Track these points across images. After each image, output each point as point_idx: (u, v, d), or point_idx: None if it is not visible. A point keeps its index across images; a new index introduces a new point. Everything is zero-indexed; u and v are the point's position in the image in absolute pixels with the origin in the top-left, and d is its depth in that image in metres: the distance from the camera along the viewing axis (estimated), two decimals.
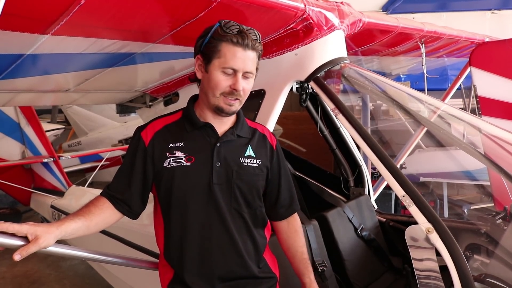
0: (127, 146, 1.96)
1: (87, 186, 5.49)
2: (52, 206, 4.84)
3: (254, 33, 1.64)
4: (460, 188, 6.52)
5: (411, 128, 5.62)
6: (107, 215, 1.72)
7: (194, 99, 1.84)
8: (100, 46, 1.93)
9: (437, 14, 7.89)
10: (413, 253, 1.55)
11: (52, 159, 5.46)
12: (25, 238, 1.42)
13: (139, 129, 1.79)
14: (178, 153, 1.70)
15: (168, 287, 1.80)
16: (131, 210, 1.77)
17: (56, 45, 1.83)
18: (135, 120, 9.10)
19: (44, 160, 5.46)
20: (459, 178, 5.49)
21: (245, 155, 1.76)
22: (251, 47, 1.61)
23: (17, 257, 1.37)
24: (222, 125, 1.77)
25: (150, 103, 3.13)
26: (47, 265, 5.40)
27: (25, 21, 1.51)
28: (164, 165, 1.70)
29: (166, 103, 3.03)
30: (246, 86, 1.66)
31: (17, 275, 5.17)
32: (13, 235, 1.40)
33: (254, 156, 1.78)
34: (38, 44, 1.75)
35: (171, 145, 1.72)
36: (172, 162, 1.69)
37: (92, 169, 7.15)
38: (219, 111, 1.69)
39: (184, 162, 1.69)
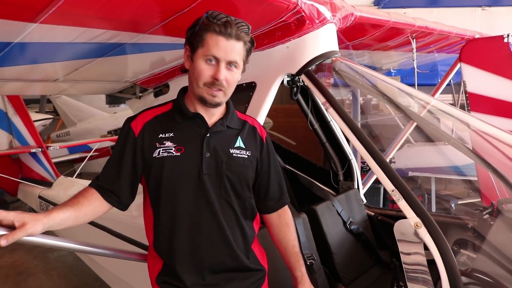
0: (117, 137, 1.95)
1: (76, 177, 5.46)
2: (40, 197, 4.82)
3: (242, 24, 1.62)
4: (448, 183, 6.59)
5: (400, 123, 5.65)
6: (96, 205, 1.70)
7: (184, 90, 1.83)
8: (90, 35, 1.90)
9: (429, 9, 7.93)
10: (402, 247, 1.56)
11: (40, 149, 5.41)
12: (11, 226, 1.40)
13: (129, 120, 1.78)
14: (168, 143, 1.69)
15: (157, 279, 1.80)
16: (120, 201, 1.76)
17: (45, 34, 1.80)
18: (124, 111, 9.03)
19: (32, 150, 5.41)
20: (447, 173, 5.54)
21: (235, 146, 1.76)
22: (235, 37, 1.60)
23: (3, 242, 1.36)
24: (212, 116, 1.76)
25: (140, 94, 3.11)
26: (34, 256, 5.37)
27: (13, 8, 1.48)
28: (154, 155, 1.69)
29: (156, 94, 3.01)
30: (229, 77, 1.65)
31: (3, 265, 5.13)
32: None
33: (244, 147, 1.78)
34: (26, 33, 1.72)
35: (161, 135, 1.71)
36: (162, 152, 1.69)
37: (81, 159, 7.11)
38: (203, 102, 1.69)
39: (174, 152, 1.68)
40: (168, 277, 1.77)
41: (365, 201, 3.15)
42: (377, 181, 3.74)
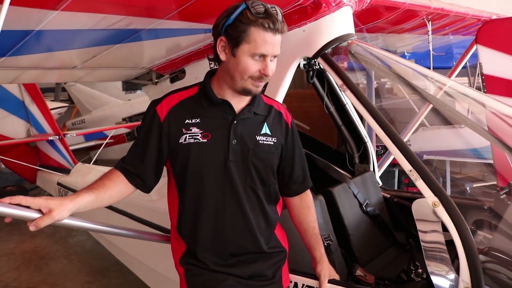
0: (131, 123, 1.99)
1: (92, 164, 5.55)
2: (58, 184, 4.90)
3: (278, 12, 1.59)
4: (463, 166, 6.55)
5: (415, 106, 5.62)
6: (121, 188, 1.74)
7: (210, 74, 1.81)
8: (108, 22, 1.93)
9: None
10: (420, 226, 1.58)
11: (57, 137, 5.49)
12: (39, 211, 1.45)
13: (154, 103, 1.78)
14: (195, 130, 1.70)
15: (181, 260, 1.84)
16: (145, 184, 1.78)
17: (65, 21, 1.83)
18: (138, 98, 9.13)
19: (50, 138, 5.49)
20: (462, 156, 5.50)
21: (261, 132, 1.76)
22: (280, 31, 1.59)
23: (32, 228, 1.42)
24: (239, 102, 1.76)
25: (156, 80, 3.14)
26: (55, 241, 5.50)
27: None
28: (180, 141, 1.70)
29: (172, 80, 3.03)
30: (273, 68, 1.65)
31: (26, 251, 5.27)
32: (27, 207, 1.43)
33: (270, 134, 1.78)
34: (48, 20, 1.75)
35: (187, 121, 1.71)
36: (188, 139, 1.70)
37: (96, 147, 7.20)
38: (246, 93, 1.69)
39: (200, 138, 1.69)
40: (191, 259, 1.81)
41: (380, 183, 3.16)
42: (392, 165, 3.74)
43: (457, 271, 1.48)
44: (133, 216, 2.96)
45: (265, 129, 1.78)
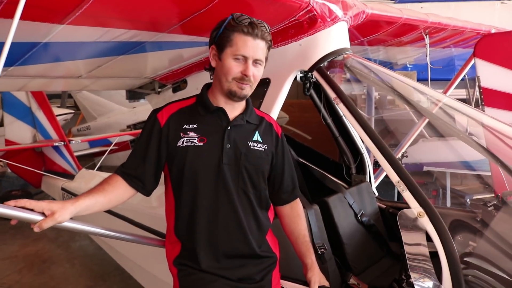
0: (136, 131, 2.06)
1: (96, 170, 5.62)
2: (63, 189, 4.98)
3: (264, 25, 1.76)
4: (464, 178, 6.58)
5: (415, 118, 5.66)
6: (120, 191, 1.83)
7: (207, 86, 1.95)
8: (112, 35, 2.02)
9: (446, 3, 7.85)
10: (404, 236, 1.64)
11: (63, 143, 5.58)
12: (42, 213, 1.53)
13: (155, 111, 1.90)
14: (192, 134, 1.82)
15: (175, 261, 1.92)
16: (145, 187, 1.87)
17: (71, 34, 1.91)
18: (143, 106, 9.21)
19: (55, 144, 5.59)
20: (461, 168, 5.54)
21: (253, 139, 1.88)
22: (261, 37, 1.74)
23: (36, 229, 1.51)
24: (233, 110, 1.88)
25: (159, 90, 3.22)
26: (57, 245, 5.57)
27: (45, 12, 1.60)
28: (178, 144, 1.81)
29: (175, 90, 3.12)
30: (256, 73, 1.78)
31: (28, 254, 5.34)
32: (31, 210, 1.51)
33: (261, 141, 1.89)
34: (54, 33, 1.84)
35: (185, 126, 1.83)
36: (185, 142, 1.81)
37: (101, 153, 7.28)
38: (232, 95, 1.81)
39: (196, 142, 1.81)
40: (185, 260, 1.89)
41: (377, 194, 3.21)
42: None
43: (440, 280, 1.54)
44: (134, 221, 3.02)
45: (257, 136, 1.89)
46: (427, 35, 3.59)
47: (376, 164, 4.55)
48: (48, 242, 5.64)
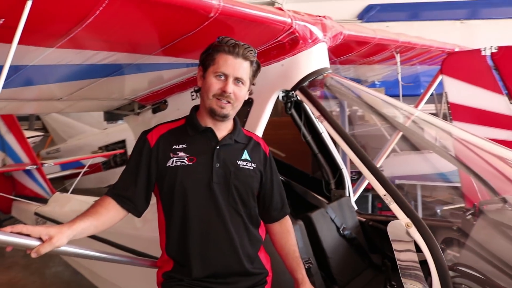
0: (108, 152, 2.06)
1: (70, 193, 5.50)
2: (36, 213, 4.85)
3: (249, 47, 1.83)
4: (433, 190, 6.78)
5: (386, 133, 5.84)
6: (113, 213, 1.83)
7: (196, 108, 1.99)
8: (99, 58, 2.04)
9: (409, 23, 8.21)
10: (395, 246, 1.71)
11: (35, 167, 5.46)
12: (39, 239, 1.52)
13: (145, 133, 1.94)
14: (181, 154, 1.85)
15: (164, 275, 1.94)
16: (136, 208, 1.88)
17: (57, 57, 1.92)
18: (115, 127, 9.11)
19: (27, 168, 5.45)
20: (432, 180, 5.72)
21: (242, 158, 1.92)
22: (242, 56, 1.81)
23: (33, 255, 1.50)
24: (221, 130, 1.93)
25: (138, 111, 3.22)
26: (30, 273, 5.37)
27: (37, 36, 1.61)
28: (168, 164, 1.84)
29: (155, 111, 3.13)
30: (237, 91, 1.84)
31: (1, 283, 5.14)
32: (28, 236, 1.50)
33: (250, 159, 1.94)
34: (42, 56, 1.85)
35: (174, 146, 1.87)
36: (175, 162, 1.84)
37: (72, 176, 7.14)
38: (213, 114, 1.86)
39: (186, 162, 1.84)
40: (176, 274, 1.89)
41: (356, 208, 3.29)
42: (365, 190, 3.90)
43: (430, 286, 1.61)
44: (117, 244, 2.99)
45: (245, 155, 1.94)
46: (398, 54, 3.75)
47: (352, 179, 4.66)
48: (20, 269, 5.45)
